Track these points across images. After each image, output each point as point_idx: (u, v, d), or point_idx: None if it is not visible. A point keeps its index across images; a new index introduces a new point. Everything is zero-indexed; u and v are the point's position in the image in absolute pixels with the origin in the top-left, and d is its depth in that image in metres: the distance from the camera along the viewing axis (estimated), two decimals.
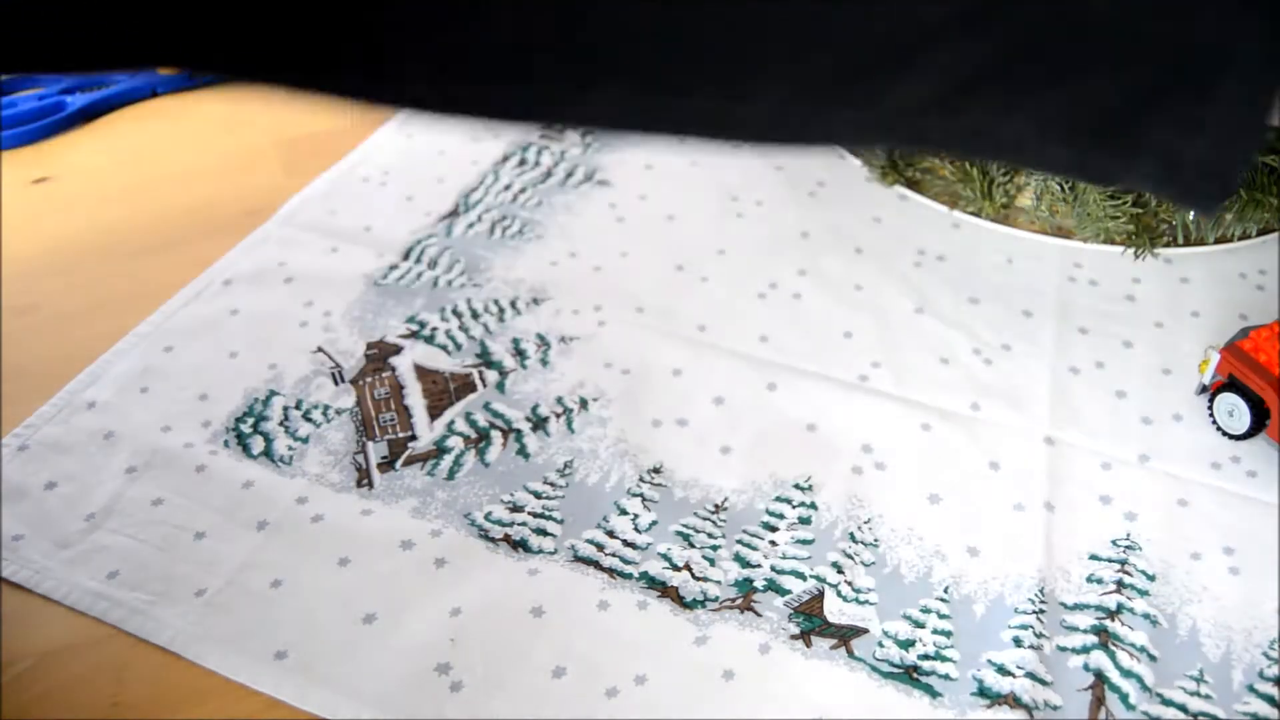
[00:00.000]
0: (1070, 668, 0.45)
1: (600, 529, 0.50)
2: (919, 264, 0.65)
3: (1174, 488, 0.53)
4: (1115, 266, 0.65)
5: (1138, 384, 0.58)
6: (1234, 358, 0.53)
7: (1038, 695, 0.44)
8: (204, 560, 0.48)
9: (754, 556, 0.49)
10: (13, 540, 0.48)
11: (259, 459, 0.53)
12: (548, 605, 0.46)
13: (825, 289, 0.63)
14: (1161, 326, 0.62)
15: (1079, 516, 0.51)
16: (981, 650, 0.45)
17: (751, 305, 0.62)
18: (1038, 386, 0.58)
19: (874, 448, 0.54)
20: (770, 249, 0.66)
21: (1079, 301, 0.63)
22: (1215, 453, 0.54)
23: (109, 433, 0.53)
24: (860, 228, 0.68)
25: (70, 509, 0.50)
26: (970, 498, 0.52)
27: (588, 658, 0.45)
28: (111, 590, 0.47)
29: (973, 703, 0.44)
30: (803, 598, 0.47)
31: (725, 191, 0.71)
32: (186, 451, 0.53)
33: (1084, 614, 0.47)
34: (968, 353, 0.60)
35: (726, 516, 0.51)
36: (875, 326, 0.61)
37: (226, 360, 0.58)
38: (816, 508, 0.51)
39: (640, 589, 0.47)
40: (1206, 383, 0.55)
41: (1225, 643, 0.46)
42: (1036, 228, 0.62)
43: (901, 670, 0.45)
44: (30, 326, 0.60)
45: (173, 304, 0.61)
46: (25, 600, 0.46)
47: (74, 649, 0.45)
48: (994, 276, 0.65)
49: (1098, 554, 0.50)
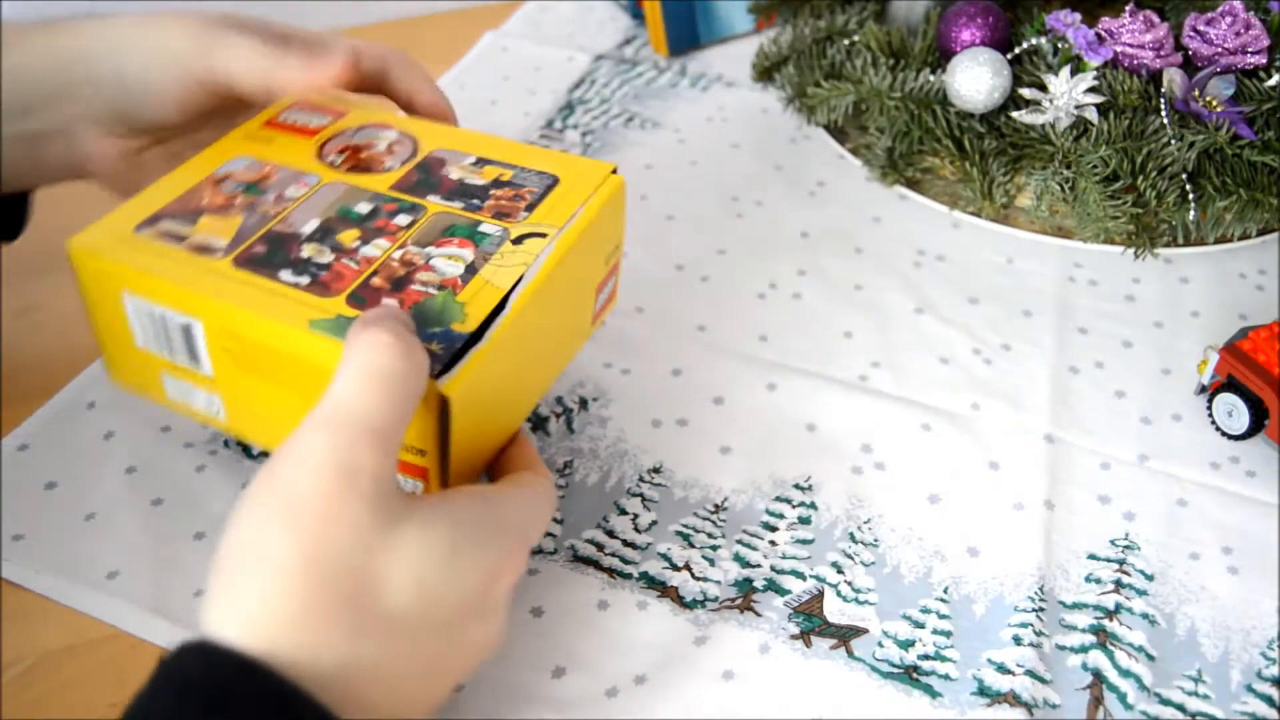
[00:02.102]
0: (1068, 667, 0.45)
1: (600, 529, 0.50)
2: (919, 264, 0.65)
3: (1173, 487, 0.53)
4: (1115, 266, 0.65)
5: (1137, 384, 0.58)
6: (1233, 358, 0.54)
7: (1037, 693, 0.44)
8: (204, 560, 0.48)
9: (754, 556, 0.49)
10: (13, 540, 0.48)
11: (259, 459, 0.53)
12: (547, 605, 0.46)
13: (825, 289, 0.63)
14: (1161, 326, 0.62)
15: (1078, 516, 0.51)
16: (981, 649, 0.46)
17: (751, 305, 0.62)
18: (1038, 386, 0.58)
19: (874, 448, 0.54)
20: (770, 249, 0.66)
21: (1079, 301, 0.63)
22: (1214, 453, 0.54)
23: (109, 433, 0.54)
24: (860, 228, 0.68)
25: (70, 509, 0.50)
26: (970, 498, 0.52)
27: (588, 658, 0.45)
28: (111, 590, 0.47)
29: (973, 702, 0.44)
30: (803, 598, 0.47)
31: (725, 191, 0.71)
32: (186, 451, 0.53)
33: (1082, 613, 0.47)
34: (968, 353, 0.60)
35: (726, 516, 0.51)
36: (875, 326, 0.61)
37: None
38: (816, 508, 0.51)
39: (640, 589, 0.47)
40: (1205, 383, 0.55)
41: (1224, 643, 0.46)
42: (1036, 228, 0.62)
43: (901, 670, 0.45)
44: (30, 326, 0.60)
45: None
46: (25, 600, 0.46)
47: (74, 649, 0.45)
48: (994, 276, 0.65)
49: (1096, 554, 0.50)
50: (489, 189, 0.44)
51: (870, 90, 0.62)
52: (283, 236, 0.42)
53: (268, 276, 0.40)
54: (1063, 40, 0.61)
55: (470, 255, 0.41)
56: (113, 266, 0.41)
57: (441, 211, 0.43)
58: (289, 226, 0.42)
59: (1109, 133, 0.57)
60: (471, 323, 0.38)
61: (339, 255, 0.41)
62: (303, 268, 0.40)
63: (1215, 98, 0.59)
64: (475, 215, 0.43)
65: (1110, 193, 0.56)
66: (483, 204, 0.44)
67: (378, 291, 0.39)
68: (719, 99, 0.80)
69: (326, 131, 0.48)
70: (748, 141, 0.75)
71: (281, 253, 0.41)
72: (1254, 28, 0.61)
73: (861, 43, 0.65)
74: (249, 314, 0.38)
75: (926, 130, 0.61)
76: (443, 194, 0.44)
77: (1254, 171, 0.57)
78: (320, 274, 0.40)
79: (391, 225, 0.42)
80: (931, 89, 0.61)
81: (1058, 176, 0.57)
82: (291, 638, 0.30)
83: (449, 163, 0.46)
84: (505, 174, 0.45)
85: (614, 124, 0.77)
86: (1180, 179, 0.57)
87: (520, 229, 0.42)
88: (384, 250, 0.41)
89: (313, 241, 0.41)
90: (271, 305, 0.39)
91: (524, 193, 0.44)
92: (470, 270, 0.40)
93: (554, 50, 0.86)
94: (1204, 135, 0.56)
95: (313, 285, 0.40)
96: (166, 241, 0.42)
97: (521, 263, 0.41)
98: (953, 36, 0.62)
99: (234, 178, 0.45)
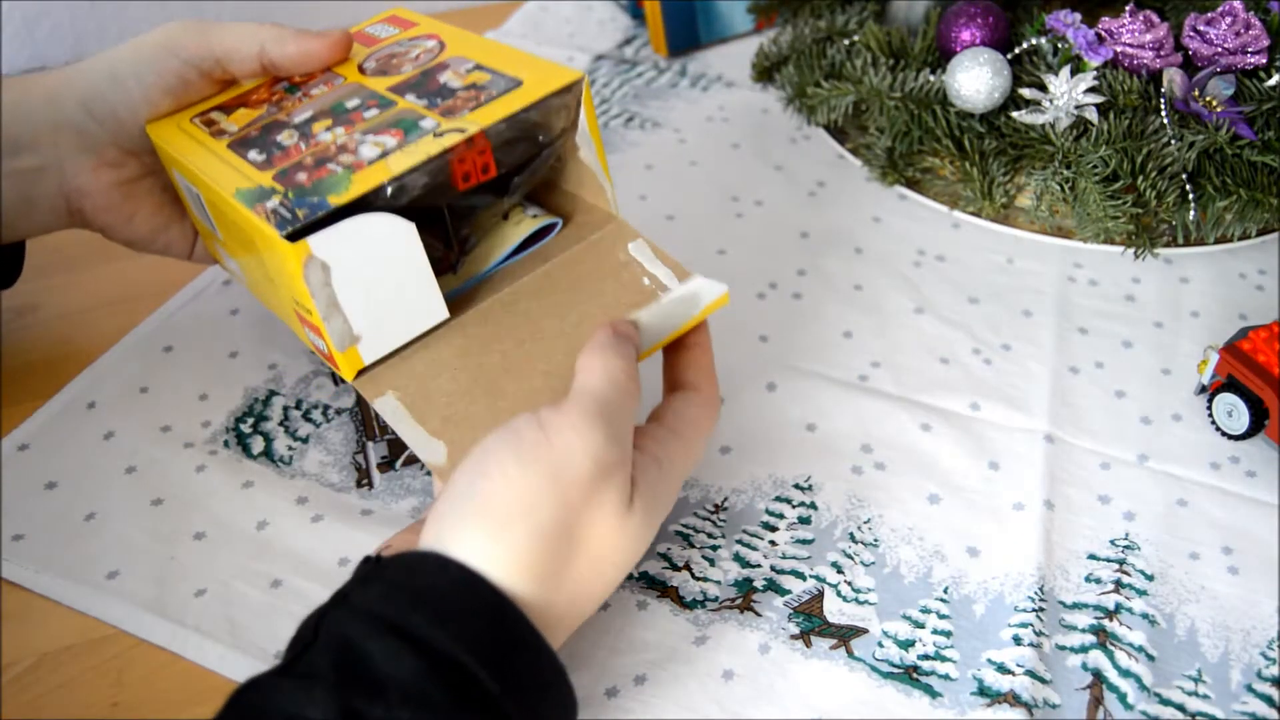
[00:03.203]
0: (1068, 667, 0.45)
1: None
2: (919, 264, 0.65)
3: (1173, 487, 0.53)
4: (1115, 266, 0.65)
5: (1137, 384, 0.58)
6: (1233, 358, 0.54)
7: (1037, 693, 0.44)
8: (204, 560, 0.48)
9: (754, 556, 0.49)
10: (13, 540, 0.48)
11: (259, 459, 0.53)
12: None
13: (825, 289, 0.63)
14: (1161, 326, 0.62)
15: (1078, 516, 0.51)
16: (981, 649, 0.46)
17: (751, 305, 0.62)
18: (1038, 386, 0.58)
19: (874, 448, 0.54)
20: (770, 249, 0.66)
21: (1079, 301, 0.63)
22: (1214, 453, 0.54)
23: (109, 433, 0.54)
24: (860, 228, 0.68)
25: (70, 509, 0.50)
26: (970, 498, 0.52)
27: (588, 658, 0.45)
28: (111, 590, 0.47)
29: (972, 702, 0.44)
30: (802, 598, 0.47)
31: (725, 191, 0.71)
32: (186, 451, 0.53)
33: (1082, 613, 0.47)
34: (968, 353, 0.60)
35: (726, 516, 0.51)
36: (875, 326, 0.61)
37: (226, 360, 0.58)
38: (816, 508, 0.51)
39: (640, 589, 0.47)
40: (1205, 383, 0.55)
41: (1224, 643, 0.46)
42: (1036, 228, 0.62)
43: (901, 670, 0.45)
44: (30, 326, 0.60)
45: (173, 304, 0.61)
46: (25, 600, 0.46)
47: (74, 649, 0.45)
48: (994, 276, 0.65)
49: (1096, 554, 0.50)
50: (458, 91, 0.45)
51: (870, 90, 0.62)
52: (276, 125, 0.46)
53: (239, 155, 0.44)
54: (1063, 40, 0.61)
55: (393, 143, 0.43)
56: (161, 147, 0.48)
57: (406, 108, 0.45)
58: (288, 118, 0.46)
59: (1109, 133, 0.57)
60: (347, 196, 0.41)
61: (300, 139, 0.44)
62: (267, 148, 0.44)
63: (1215, 98, 0.59)
64: (425, 111, 0.44)
65: (1110, 193, 0.56)
66: (442, 103, 0.45)
67: (301, 168, 0.43)
68: (719, 99, 0.80)
69: (385, 42, 0.51)
70: (748, 141, 0.75)
71: (265, 138, 0.45)
72: (1254, 28, 0.61)
73: (861, 43, 0.65)
74: (206, 183, 0.44)
75: (926, 130, 0.61)
76: (419, 93, 0.46)
77: (1254, 171, 0.57)
78: (275, 153, 0.44)
79: (359, 117, 0.45)
80: (931, 89, 0.61)
81: (1058, 176, 0.57)
82: (533, 590, 0.36)
83: (450, 68, 0.47)
84: (483, 78, 0.46)
85: (614, 124, 0.77)
86: (1180, 179, 0.57)
87: (450, 124, 0.43)
88: (334, 137, 0.44)
89: (292, 128, 0.45)
90: (220, 175, 0.44)
91: (483, 95, 0.45)
92: (383, 154, 0.42)
93: (554, 50, 0.86)
94: (1204, 135, 0.56)
95: (264, 162, 0.44)
96: (203, 128, 0.47)
97: (425, 152, 0.42)
98: (953, 36, 0.62)
99: (289, 80, 0.50)
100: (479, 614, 0.34)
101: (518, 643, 0.35)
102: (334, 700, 0.31)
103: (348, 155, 0.42)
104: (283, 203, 0.41)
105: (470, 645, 0.33)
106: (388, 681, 0.32)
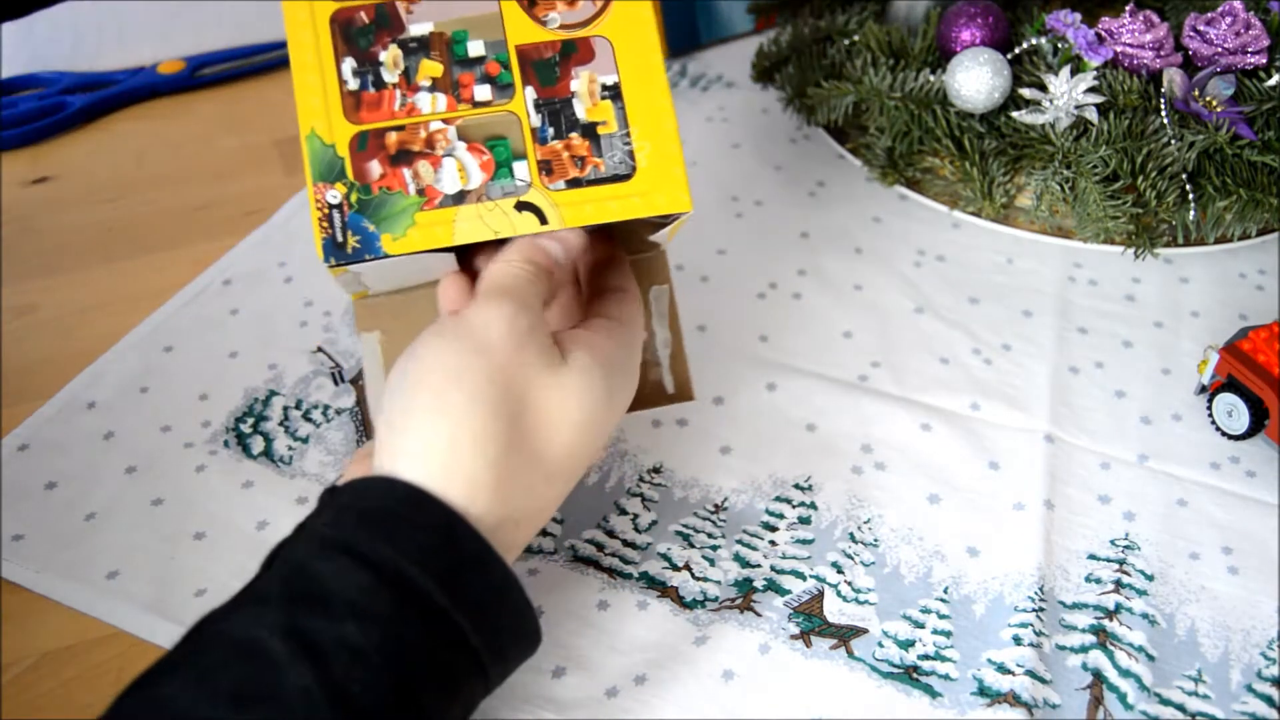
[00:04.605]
0: (1068, 667, 0.45)
1: (600, 529, 0.50)
2: (919, 264, 0.65)
3: (1173, 487, 0.53)
4: (1115, 266, 0.65)
5: (1137, 384, 0.58)
6: (1233, 358, 0.54)
7: (1037, 693, 0.44)
8: (204, 560, 0.48)
9: (754, 556, 0.49)
10: (13, 540, 0.48)
11: (259, 459, 0.53)
12: (547, 605, 0.46)
13: (825, 289, 0.63)
14: (1161, 326, 0.62)
15: (1078, 516, 0.51)
16: (981, 649, 0.46)
17: (751, 305, 0.62)
18: (1038, 386, 0.58)
19: (874, 448, 0.54)
20: (770, 249, 0.66)
21: (1079, 301, 0.63)
22: (1214, 453, 0.54)
23: (109, 433, 0.54)
24: (860, 228, 0.68)
25: (70, 509, 0.50)
26: (970, 498, 0.52)
27: (588, 658, 0.45)
28: (111, 590, 0.47)
29: (972, 702, 0.44)
30: (802, 598, 0.47)
31: (725, 191, 0.71)
32: (186, 451, 0.53)
33: (1082, 613, 0.47)
34: (968, 352, 0.60)
35: (726, 516, 0.51)
36: (875, 326, 0.61)
37: (226, 360, 0.58)
38: (816, 508, 0.51)
39: (640, 589, 0.47)
40: (1205, 383, 0.55)
41: (1224, 643, 0.46)
42: (1036, 228, 0.62)
43: (901, 670, 0.45)
44: (30, 326, 0.60)
45: (173, 304, 0.61)
46: (25, 600, 0.46)
47: (74, 649, 0.45)
48: (994, 276, 0.65)
49: (1096, 554, 0.50)
50: (572, 129, 0.39)
51: (870, 90, 0.62)
52: (385, 19, 0.39)
53: (340, 55, 0.39)
54: (1063, 40, 0.61)
55: (476, 180, 0.38)
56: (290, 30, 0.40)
57: (513, 117, 0.39)
58: (406, 16, 0.39)
59: (1109, 133, 0.57)
60: (398, 249, 0.38)
61: (398, 86, 0.39)
62: (364, 68, 0.39)
63: (1215, 98, 0.59)
64: (527, 145, 0.39)
65: (1110, 193, 0.56)
66: (549, 140, 0.39)
67: (381, 148, 0.38)
68: (719, 99, 0.80)
69: None
70: (748, 141, 0.75)
71: (369, 36, 0.39)
72: (1254, 28, 0.61)
73: (861, 43, 0.65)
74: (299, 95, 0.39)
75: (926, 130, 0.61)
76: (541, 96, 0.39)
77: (1254, 171, 0.57)
78: (367, 89, 0.38)
79: (468, 89, 0.39)
80: (931, 89, 0.61)
81: (1058, 176, 0.57)
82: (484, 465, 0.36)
83: (590, 67, 0.40)
84: (607, 128, 0.39)
85: None
86: (1180, 179, 0.57)
87: (534, 197, 0.38)
88: (431, 112, 0.39)
89: (401, 46, 0.39)
90: (308, 95, 0.39)
91: (591, 161, 0.39)
92: (458, 198, 0.38)
93: None
94: (1204, 135, 0.56)
95: (351, 95, 0.38)
96: None
97: (494, 230, 0.38)
98: (953, 36, 0.62)
99: None
100: (426, 528, 0.35)
101: (468, 557, 0.35)
102: (281, 617, 0.33)
103: (428, 169, 0.38)
104: (341, 208, 0.38)
105: (417, 558, 0.34)
106: (334, 597, 0.33)
